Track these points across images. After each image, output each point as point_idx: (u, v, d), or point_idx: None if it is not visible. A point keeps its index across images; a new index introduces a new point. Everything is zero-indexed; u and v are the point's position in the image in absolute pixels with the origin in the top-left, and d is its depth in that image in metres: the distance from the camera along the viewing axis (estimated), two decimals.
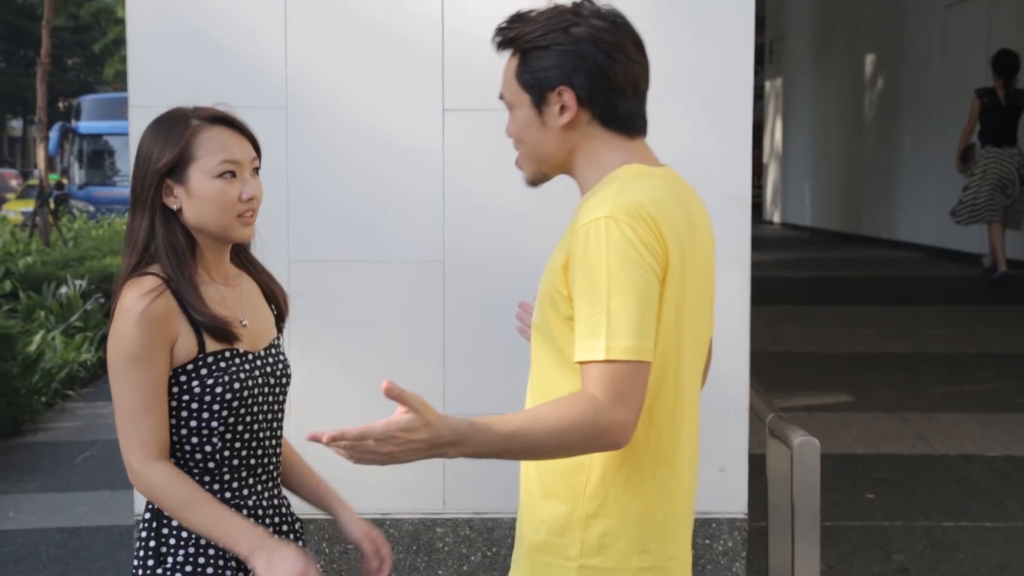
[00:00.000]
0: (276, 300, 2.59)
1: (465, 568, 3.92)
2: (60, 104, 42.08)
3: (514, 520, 3.86)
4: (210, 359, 2.35)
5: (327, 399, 3.97)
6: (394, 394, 1.89)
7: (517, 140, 2.24)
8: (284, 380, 2.52)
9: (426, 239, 4.00)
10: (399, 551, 3.91)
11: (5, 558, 5.37)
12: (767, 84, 25.00)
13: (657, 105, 3.92)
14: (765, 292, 4.41)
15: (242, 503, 2.40)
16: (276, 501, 2.50)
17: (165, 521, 2.37)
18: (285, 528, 2.50)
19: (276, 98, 4.00)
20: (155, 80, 3.99)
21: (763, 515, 3.76)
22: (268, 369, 2.45)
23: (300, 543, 2.53)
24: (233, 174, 2.36)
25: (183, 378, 2.34)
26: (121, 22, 18.07)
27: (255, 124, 3.97)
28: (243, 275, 2.54)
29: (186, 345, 2.33)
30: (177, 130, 2.36)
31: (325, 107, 4.02)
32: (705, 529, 3.98)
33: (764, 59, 24.60)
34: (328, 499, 2.59)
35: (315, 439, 1.92)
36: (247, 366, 2.40)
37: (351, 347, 4.05)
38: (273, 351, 2.51)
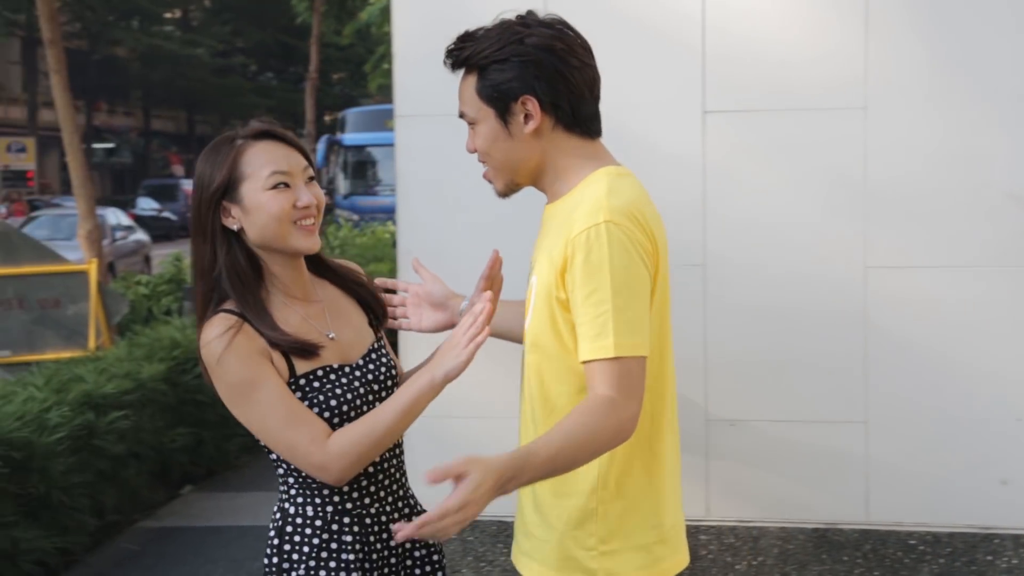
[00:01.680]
0: (368, 304, 2.56)
1: None
2: (326, 117, 43.91)
3: (782, 529, 3.82)
4: (302, 381, 2.34)
5: None
6: (440, 476, 2.00)
7: (484, 154, 2.34)
8: (390, 383, 2.47)
9: (686, 243, 3.96)
10: None
11: None
12: None
13: (925, 99, 3.80)
14: None
15: (364, 512, 2.40)
16: (400, 504, 2.48)
17: (288, 537, 2.39)
18: None
19: None
20: (420, 90, 4.09)
21: None
22: (369, 377, 2.42)
23: (432, 544, 2.51)
24: (286, 184, 2.35)
25: None
26: (383, 40, 18.71)
27: None
28: (326, 285, 2.51)
29: (279, 369, 2.33)
30: (224, 152, 2.37)
31: None
32: (986, 545, 3.79)
33: None
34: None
35: (399, 531, 2.03)
36: (343, 380, 2.38)
37: None
38: (373, 356, 2.47)
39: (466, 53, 2.32)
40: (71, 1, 37.98)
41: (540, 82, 2.25)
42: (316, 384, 2.35)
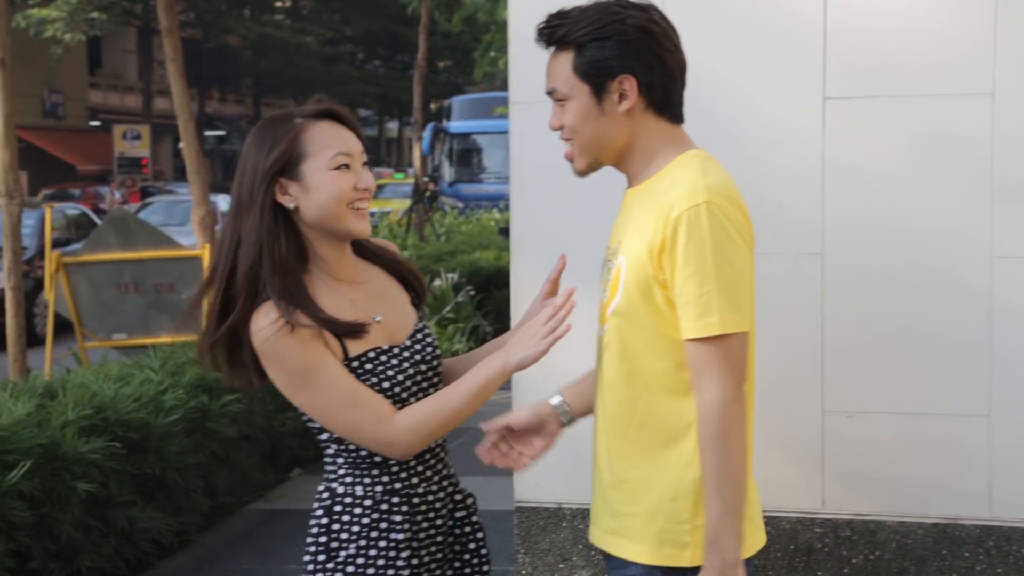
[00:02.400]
0: (411, 284, 2.56)
1: (846, 571, 3.79)
2: (432, 105, 44.17)
3: (900, 523, 3.73)
4: (355, 364, 2.35)
5: None
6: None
7: (572, 131, 2.36)
8: (435, 363, 2.48)
9: (805, 231, 3.88)
10: (776, 550, 3.82)
11: None
12: None
13: None
14: None
15: (412, 491, 2.41)
16: (446, 483, 2.50)
17: (336, 516, 2.39)
18: (454, 508, 2.50)
19: None
20: (535, 77, 4.05)
21: None
22: (417, 358, 2.44)
23: (475, 518, 2.53)
24: (347, 166, 2.35)
25: None
26: (491, 26, 18.72)
27: None
28: (369, 267, 2.50)
29: (333, 351, 2.33)
30: (283, 129, 2.35)
31: (697, 98, 3.97)
32: None
33: None
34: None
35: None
36: (393, 361, 2.39)
37: None
38: (419, 336, 2.48)
39: (563, 30, 2.33)
40: None
41: (638, 63, 2.28)
42: (369, 366, 2.37)
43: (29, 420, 4.79)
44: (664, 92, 2.32)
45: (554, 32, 2.34)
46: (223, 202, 22.45)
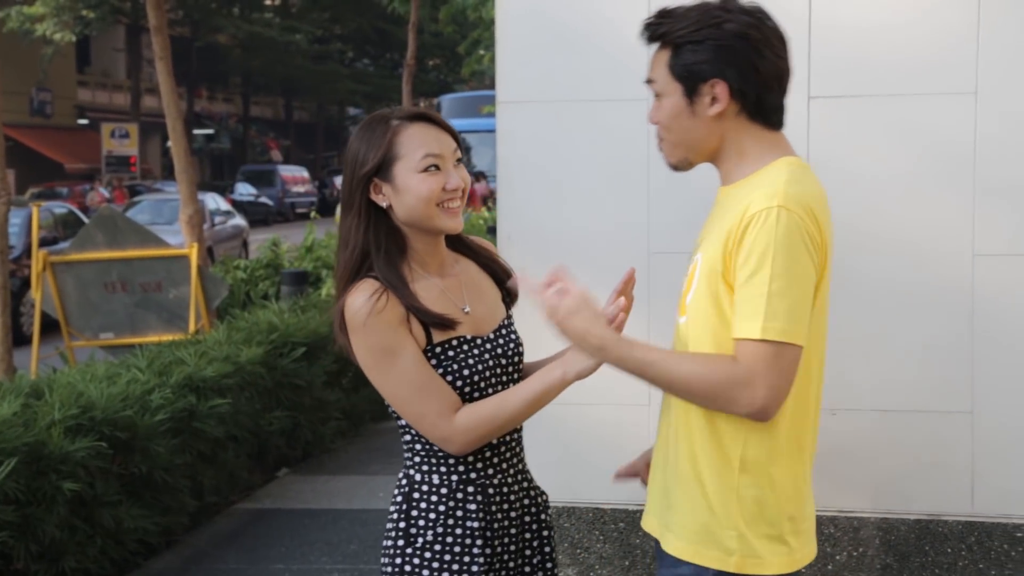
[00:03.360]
0: (500, 278, 2.62)
1: (830, 567, 3.80)
2: (421, 104, 44.18)
3: (883, 520, 3.75)
4: (438, 349, 2.42)
5: None
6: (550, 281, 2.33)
7: (664, 128, 2.38)
8: (516, 359, 2.55)
9: None
10: None
11: (376, 535, 5.66)
12: None
13: None
14: None
15: (488, 482, 2.47)
16: (520, 477, 2.55)
17: (415, 503, 2.47)
18: (528, 502, 2.54)
19: (639, 90, 3.97)
20: (523, 76, 4.08)
21: None
22: (499, 351, 2.50)
23: (544, 516, 2.58)
24: (437, 167, 2.43)
25: None
26: (478, 24, 18.70)
27: (619, 116, 4.02)
28: (462, 260, 2.59)
29: (417, 336, 2.41)
30: (379, 131, 2.45)
31: None
32: None
33: None
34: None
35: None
36: (476, 351, 2.46)
37: None
38: (503, 331, 2.55)
39: (663, 29, 2.35)
40: None
41: (731, 68, 2.28)
42: (451, 353, 2.44)
43: (15, 419, 4.78)
44: (758, 98, 2.31)
45: (656, 29, 2.36)
46: (211, 201, 22.46)
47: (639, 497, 4.09)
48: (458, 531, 2.44)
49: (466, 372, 2.43)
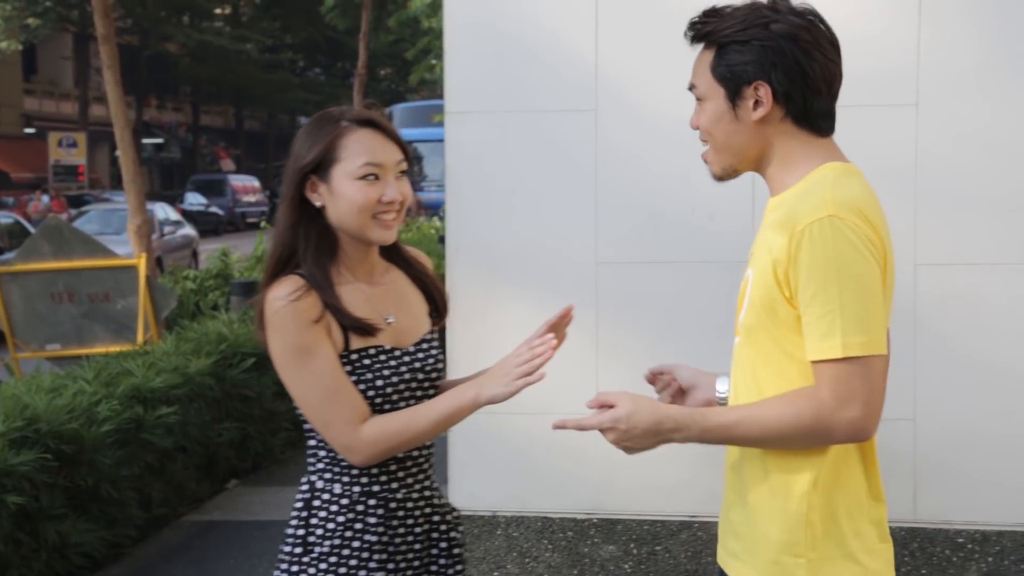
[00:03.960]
0: (431, 292, 2.58)
1: None
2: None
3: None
4: (353, 356, 2.37)
5: None
6: (595, 403, 2.17)
7: (706, 133, 2.25)
8: (434, 375, 2.49)
9: (736, 240, 3.93)
10: (708, 554, 3.86)
11: None
12: None
13: (977, 92, 3.75)
14: None
15: (391, 496, 2.42)
16: (427, 493, 2.49)
17: (315, 511, 2.41)
18: (436, 519, 2.49)
19: (586, 101, 4.03)
20: (470, 87, 4.10)
21: None
22: (417, 365, 2.45)
23: (454, 535, 2.53)
24: (376, 176, 2.38)
25: None
26: (428, 32, 18.73)
27: (566, 127, 4.06)
28: (393, 269, 2.54)
29: (335, 341, 2.36)
30: (325, 130, 2.40)
31: (634, 108, 4.03)
32: None
33: None
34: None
35: (560, 426, 2.20)
36: (392, 363, 2.41)
37: (659, 348, 4.03)
38: (424, 346, 2.49)
39: (708, 28, 2.24)
40: None
41: (777, 70, 2.17)
42: (367, 362, 2.39)
43: None
44: (804, 103, 2.19)
45: (701, 29, 2.25)
46: (160, 210, 22.30)
47: (587, 506, 4.14)
48: (355, 544, 2.38)
49: (379, 383, 2.38)
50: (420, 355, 2.48)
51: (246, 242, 18.35)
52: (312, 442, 2.46)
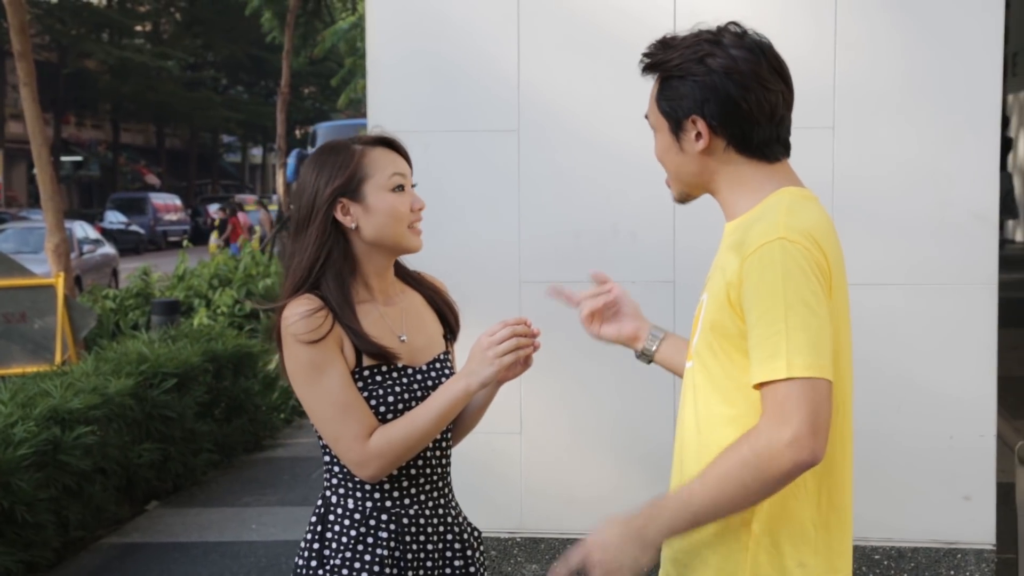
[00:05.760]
0: (445, 314, 2.63)
1: None
2: (296, 132, 43.81)
3: None
4: (366, 373, 2.43)
5: (560, 418, 3.98)
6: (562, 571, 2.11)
7: (660, 162, 2.29)
8: None
9: (658, 259, 3.98)
10: None
11: (249, 568, 5.59)
12: (1010, 98, 23.93)
13: (893, 116, 3.85)
14: (1010, 314, 4.22)
15: (403, 511, 2.47)
16: (441, 511, 2.53)
17: (329, 525, 2.47)
18: (450, 537, 2.52)
19: (509, 121, 4.05)
20: (394, 107, 4.11)
21: (1011, 546, 3.58)
22: (429, 383, 2.49)
23: (471, 553, 2.56)
24: (402, 187, 2.47)
25: None
26: (354, 53, 18.70)
27: (490, 147, 4.08)
28: (407, 290, 2.60)
29: (348, 356, 2.42)
30: (345, 155, 2.48)
31: (557, 128, 4.06)
32: (949, 559, 3.82)
33: (1007, 72, 23.53)
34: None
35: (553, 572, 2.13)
36: (405, 380, 2.46)
37: (584, 367, 4.07)
38: (437, 365, 2.54)
39: (656, 60, 2.25)
40: (41, 13, 37.81)
41: (710, 104, 2.17)
42: (379, 378, 2.44)
43: None
44: (743, 134, 2.18)
45: (649, 60, 2.27)
46: (79, 229, 21.96)
47: (511, 525, 4.14)
48: (367, 557, 2.43)
49: (391, 399, 2.43)
50: (433, 373, 2.52)
51: (168, 261, 18.14)
52: (327, 458, 2.51)
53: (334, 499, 2.49)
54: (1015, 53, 23.30)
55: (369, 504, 2.46)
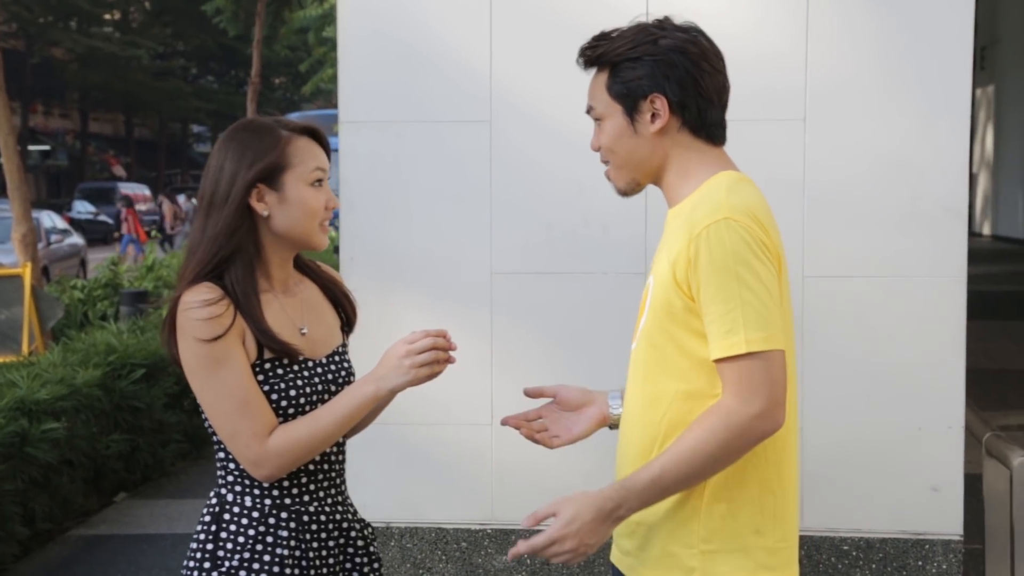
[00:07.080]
0: (343, 306, 2.58)
1: None
2: None
3: None
4: (267, 365, 2.34)
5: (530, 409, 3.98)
6: (532, 522, 2.14)
7: (608, 151, 2.34)
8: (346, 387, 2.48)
9: (629, 250, 3.98)
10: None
11: None
12: (978, 91, 24.10)
13: (864, 109, 3.86)
14: (977, 307, 4.24)
15: (303, 508, 2.40)
16: (340, 508, 2.48)
17: (224, 525, 2.38)
18: (353, 534, 2.47)
19: (481, 112, 4.04)
20: (365, 97, 4.09)
21: (978, 537, 3.60)
22: (329, 376, 2.43)
23: (373, 549, 2.52)
24: (321, 182, 2.41)
25: None
26: (324, 42, 18.64)
27: (461, 138, 4.07)
28: (305, 281, 2.53)
29: (249, 350, 2.33)
30: (270, 139, 2.38)
31: (529, 120, 4.05)
32: (917, 550, 3.84)
33: (975, 66, 23.70)
34: None
35: (516, 555, 2.16)
36: (305, 373, 2.39)
37: (555, 358, 4.06)
38: (336, 358, 2.48)
39: (600, 51, 2.33)
40: (7, 1, 37.48)
41: (670, 82, 2.26)
42: (280, 371, 2.36)
43: None
44: (699, 112, 2.29)
45: (592, 53, 2.34)
46: (46, 219, 21.79)
47: (481, 517, 4.14)
48: (266, 558, 2.34)
49: (292, 393, 2.35)
50: (333, 367, 2.46)
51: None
52: (221, 454, 2.41)
53: (230, 497, 2.40)
54: (983, 47, 23.50)
55: (268, 502, 2.37)
